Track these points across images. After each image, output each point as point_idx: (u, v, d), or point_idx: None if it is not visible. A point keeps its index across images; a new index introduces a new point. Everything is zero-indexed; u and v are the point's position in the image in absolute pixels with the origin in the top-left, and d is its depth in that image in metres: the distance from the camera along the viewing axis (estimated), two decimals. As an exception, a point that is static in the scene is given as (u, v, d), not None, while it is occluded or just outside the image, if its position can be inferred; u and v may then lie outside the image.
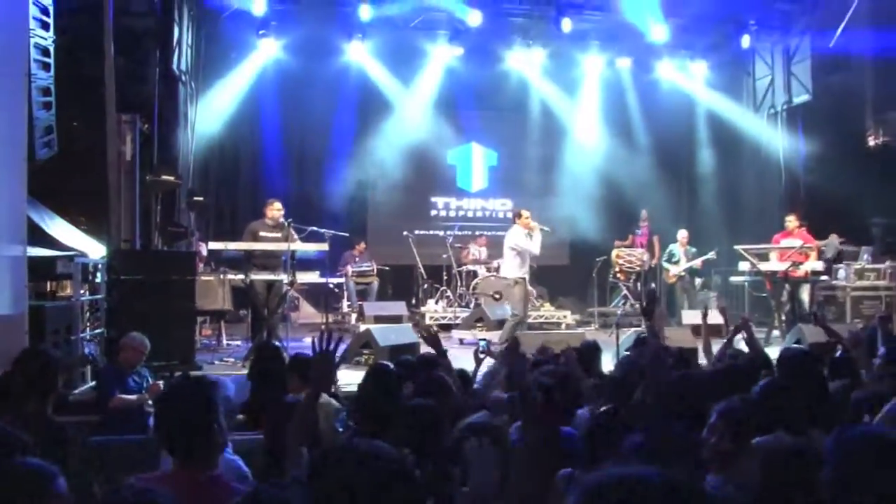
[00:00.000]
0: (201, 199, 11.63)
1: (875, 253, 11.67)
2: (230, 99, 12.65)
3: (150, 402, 5.39)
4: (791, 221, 10.99)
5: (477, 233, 14.33)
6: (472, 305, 12.44)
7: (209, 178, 13.23)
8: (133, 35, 9.03)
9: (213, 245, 9.55)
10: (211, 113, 12.33)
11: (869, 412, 3.91)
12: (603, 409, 3.68)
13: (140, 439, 4.72)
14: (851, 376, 4.71)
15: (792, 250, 10.55)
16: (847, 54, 12.29)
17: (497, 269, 13.02)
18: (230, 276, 9.67)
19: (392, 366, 4.55)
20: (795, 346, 7.18)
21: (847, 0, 11.94)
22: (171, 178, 9.97)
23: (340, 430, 4.16)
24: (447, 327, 11.98)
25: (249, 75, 12.95)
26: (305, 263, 9.19)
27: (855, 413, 3.97)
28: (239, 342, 9.99)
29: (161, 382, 5.70)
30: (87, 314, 7.71)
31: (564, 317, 12.66)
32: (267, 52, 12.94)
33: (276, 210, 9.36)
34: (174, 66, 10.68)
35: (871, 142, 13.03)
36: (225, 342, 10.05)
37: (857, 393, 4.30)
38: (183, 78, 11.39)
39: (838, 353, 5.42)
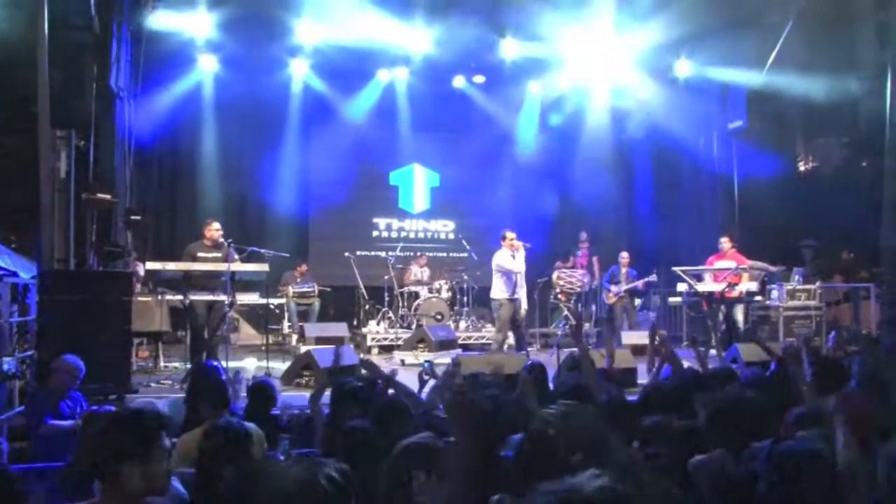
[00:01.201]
0: (139, 217, 11.39)
1: (806, 274, 12.00)
2: (169, 117, 12.48)
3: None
4: (725, 243, 11.26)
5: (418, 253, 14.34)
6: (413, 326, 12.42)
7: (147, 197, 12.99)
8: (70, 49, 8.82)
9: (151, 265, 9.33)
10: (150, 130, 12.12)
11: (802, 427, 3.99)
12: (534, 428, 3.66)
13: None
14: (786, 392, 4.80)
15: (727, 272, 10.80)
16: (780, 80, 12.68)
17: (438, 290, 13.08)
18: (168, 297, 9.48)
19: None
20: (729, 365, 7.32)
21: (779, 29, 12.33)
22: (108, 197, 9.75)
23: (280, 456, 4.11)
24: (389, 348, 11.94)
25: (190, 93, 12.82)
26: (246, 284, 9.08)
27: (789, 428, 4.05)
28: (177, 364, 9.78)
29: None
30: (17, 336, 7.47)
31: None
32: (208, 70, 12.83)
33: (214, 230, 9.25)
34: (112, 82, 10.48)
35: (802, 167, 13.46)
36: (162, 364, 9.82)
37: (792, 409, 4.39)
38: (121, 94, 11.17)
39: (771, 370, 5.55)
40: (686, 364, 5.96)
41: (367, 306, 13.09)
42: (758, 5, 12.16)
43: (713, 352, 10.56)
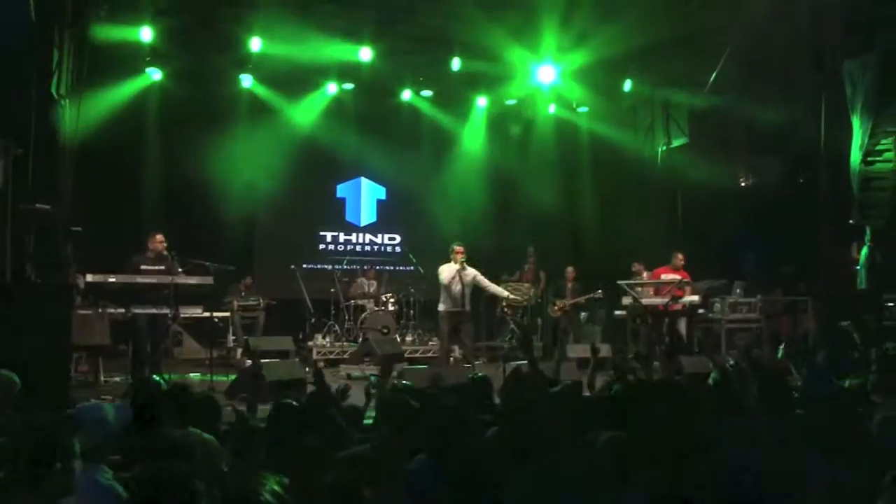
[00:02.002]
0: (79, 228, 11.13)
1: (747, 287, 12.27)
2: (113, 127, 12.22)
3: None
4: (680, 259, 11.51)
5: (365, 266, 14.29)
6: (359, 340, 12.36)
7: (89, 208, 12.68)
8: (8, 56, 8.62)
9: (92, 277, 9.12)
10: (92, 140, 11.87)
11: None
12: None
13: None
14: (728, 404, 4.89)
15: (670, 285, 11.00)
16: (721, 99, 13.01)
17: (385, 304, 13.06)
18: (110, 310, 9.28)
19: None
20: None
21: (720, 47, 12.65)
22: (47, 207, 9.51)
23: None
24: (335, 362, 11.86)
25: (134, 103, 12.59)
26: (189, 297, 8.94)
27: (733, 441, 4.12)
28: (118, 378, 9.56)
29: None
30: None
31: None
32: (153, 79, 12.64)
33: (158, 242, 9.11)
34: (53, 90, 10.26)
35: (743, 183, 13.80)
36: (102, 379, 9.59)
37: (733, 422, 4.47)
38: (62, 102, 10.95)
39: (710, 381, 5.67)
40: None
41: (312, 319, 12.98)
42: (699, 28, 12.45)
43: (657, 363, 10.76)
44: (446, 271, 10.29)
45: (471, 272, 10.29)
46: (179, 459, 3.18)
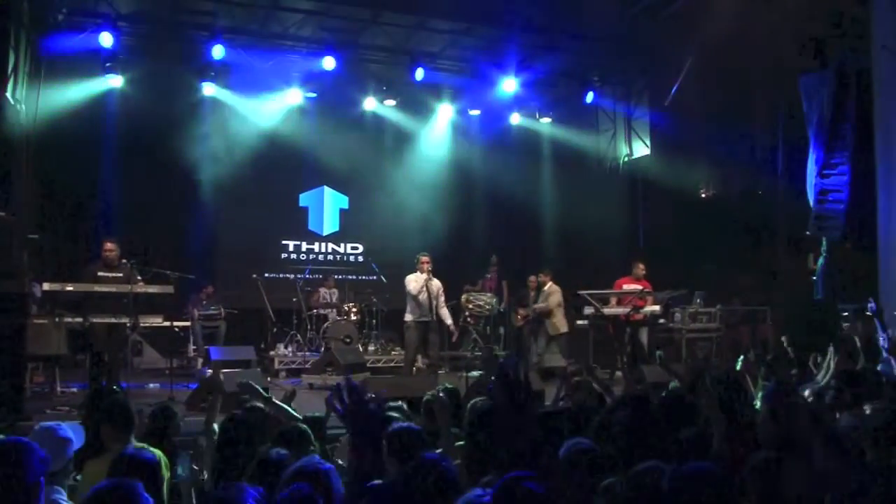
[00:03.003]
0: (36, 236, 10.95)
1: (707, 297, 12.43)
2: (71, 132, 12.02)
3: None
4: (641, 269, 11.59)
5: (328, 276, 14.20)
6: (322, 349, 12.29)
7: (46, 215, 12.48)
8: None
9: (49, 286, 8.95)
10: (49, 146, 11.69)
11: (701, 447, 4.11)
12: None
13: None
14: (686, 413, 4.94)
15: (632, 295, 11.10)
16: (681, 112, 13.21)
17: (347, 313, 13.01)
18: (67, 319, 9.11)
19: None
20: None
21: (681, 60, 12.86)
22: (2, 214, 9.34)
23: (181, 475, 4.06)
24: (297, 372, 11.79)
25: (93, 108, 12.38)
26: (149, 306, 8.83)
27: (690, 449, 4.16)
28: (75, 389, 9.39)
29: None
30: None
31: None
32: (112, 86, 12.46)
33: (107, 251, 8.92)
34: (9, 94, 10.10)
35: (703, 194, 14.00)
36: (59, 389, 9.41)
37: (689, 430, 4.51)
38: (18, 107, 10.78)
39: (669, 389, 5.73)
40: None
41: (274, 329, 12.88)
42: (660, 42, 12.65)
43: (619, 373, 10.85)
44: (413, 281, 10.27)
45: (437, 283, 10.29)
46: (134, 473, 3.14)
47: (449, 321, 10.76)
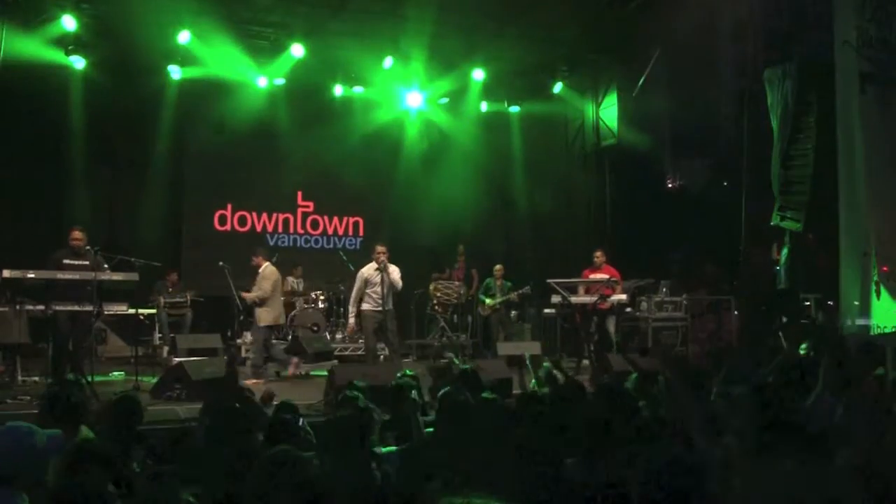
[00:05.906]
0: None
1: (673, 286, 12.56)
2: (32, 116, 11.81)
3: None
4: (599, 257, 11.62)
5: (295, 266, 14.10)
6: (289, 337, 12.23)
7: (7, 202, 12.27)
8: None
9: (10, 273, 8.79)
10: (9, 130, 11.47)
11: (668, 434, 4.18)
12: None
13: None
14: (651, 399, 5.03)
15: (600, 284, 11.18)
16: (649, 103, 13.31)
17: (314, 301, 12.96)
18: (29, 307, 8.97)
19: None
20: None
21: (649, 52, 12.95)
22: (-38, 201, 9.19)
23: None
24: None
25: (55, 91, 12.13)
26: (114, 293, 8.72)
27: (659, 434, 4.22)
28: (37, 378, 9.24)
29: None
30: None
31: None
32: (76, 71, 12.23)
33: (74, 239, 8.79)
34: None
35: (669, 184, 14.14)
36: (20, 378, 9.26)
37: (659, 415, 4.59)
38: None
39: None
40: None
41: (241, 317, 12.77)
42: (628, 34, 12.74)
43: (586, 362, 10.94)
44: (364, 271, 10.27)
45: (394, 269, 10.18)
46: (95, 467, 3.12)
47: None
